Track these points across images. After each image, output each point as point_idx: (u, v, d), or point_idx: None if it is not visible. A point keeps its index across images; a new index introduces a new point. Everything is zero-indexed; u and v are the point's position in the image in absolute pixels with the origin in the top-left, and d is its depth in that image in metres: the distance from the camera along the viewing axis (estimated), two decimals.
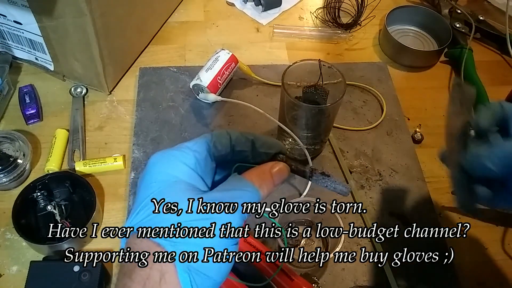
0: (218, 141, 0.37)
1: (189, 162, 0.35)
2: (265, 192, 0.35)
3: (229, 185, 0.35)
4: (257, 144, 0.37)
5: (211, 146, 0.36)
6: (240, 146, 0.37)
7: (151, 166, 0.35)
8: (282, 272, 0.54)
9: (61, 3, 0.61)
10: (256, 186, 0.35)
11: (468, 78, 0.80)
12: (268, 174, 0.36)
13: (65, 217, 0.60)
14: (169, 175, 0.34)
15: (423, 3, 0.94)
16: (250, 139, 0.37)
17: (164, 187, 0.33)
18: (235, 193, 0.34)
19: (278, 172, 0.37)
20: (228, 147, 0.37)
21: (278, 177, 0.37)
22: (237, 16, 0.90)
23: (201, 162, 0.35)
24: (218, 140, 0.37)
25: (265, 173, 0.36)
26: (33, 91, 0.73)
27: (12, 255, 0.58)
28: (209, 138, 0.37)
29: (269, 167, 0.37)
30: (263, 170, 0.37)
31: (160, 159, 0.35)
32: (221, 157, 0.37)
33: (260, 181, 0.35)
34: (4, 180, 0.61)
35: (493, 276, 0.61)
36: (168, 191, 0.33)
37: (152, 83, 0.76)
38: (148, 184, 0.34)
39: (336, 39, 0.86)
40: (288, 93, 0.59)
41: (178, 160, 0.34)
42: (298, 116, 0.62)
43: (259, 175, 0.36)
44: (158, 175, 0.34)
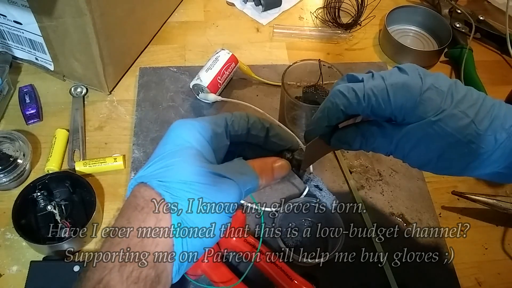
0: (237, 121, 0.40)
1: (205, 134, 0.37)
2: (263, 181, 0.38)
3: (234, 164, 0.38)
4: (270, 132, 0.41)
5: (229, 125, 0.39)
6: (255, 130, 0.40)
7: (171, 130, 0.38)
8: (282, 272, 0.54)
9: (61, 3, 0.61)
10: (256, 173, 0.38)
11: (468, 78, 0.80)
12: (269, 167, 0.39)
13: (65, 217, 0.60)
14: (184, 140, 0.37)
15: (423, 3, 0.94)
16: (266, 126, 0.40)
17: (177, 149, 0.36)
18: (236, 171, 0.36)
19: (279, 167, 0.40)
20: (244, 129, 0.40)
21: (278, 172, 0.40)
22: (237, 16, 0.90)
23: (217, 136, 0.38)
24: (237, 120, 0.40)
25: (267, 165, 0.39)
26: (33, 91, 0.73)
27: (12, 255, 0.58)
28: (229, 116, 0.40)
29: (272, 160, 0.40)
30: (266, 162, 0.40)
31: (180, 126, 0.38)
32: (236, 137, 0.40)
33: (261, 170, 0.38)
34: (4, 180, 0.61)
35: (493, 276, 0.61)
36: (179, 153, 0.36)
37: (152, 83, 0.76)
38: (164, 144, 0.37)
39: (336, 39, 0.86)
40: (288, 93, 0.59)
41: (196, 130, 0.37)
42: (298, 116, 0.62)
43: (261, 165, 0.39)
44: (175, 138, 0.37)
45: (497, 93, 0.79)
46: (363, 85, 0.38)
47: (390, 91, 0.37)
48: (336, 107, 0.39)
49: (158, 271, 0.33)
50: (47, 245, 0.56)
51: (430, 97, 0.37)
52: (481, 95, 0.38)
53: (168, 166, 0.35)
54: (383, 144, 0.40)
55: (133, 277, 0.32)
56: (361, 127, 0.41)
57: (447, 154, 0.38)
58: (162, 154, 0.36)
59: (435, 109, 0.37)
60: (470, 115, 0.37)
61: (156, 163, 0.36)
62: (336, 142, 0.42)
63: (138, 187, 0.36)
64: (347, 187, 0.66)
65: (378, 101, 0.37)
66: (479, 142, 0.37)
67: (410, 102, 0.37)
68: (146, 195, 0.34)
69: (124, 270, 0.32)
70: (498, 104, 0.38)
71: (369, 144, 0.41)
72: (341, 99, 0.38)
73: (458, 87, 0.38)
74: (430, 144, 0.38)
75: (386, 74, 0.39)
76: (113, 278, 0.31)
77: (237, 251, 0.57)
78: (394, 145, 0.40)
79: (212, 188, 0.35)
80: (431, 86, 0.37)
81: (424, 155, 0.39)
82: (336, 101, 0.39)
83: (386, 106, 0.37)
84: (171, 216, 0.34)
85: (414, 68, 0.39)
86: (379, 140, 0.40)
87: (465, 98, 0.37)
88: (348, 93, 0.38)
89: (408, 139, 0.39)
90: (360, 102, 0.38)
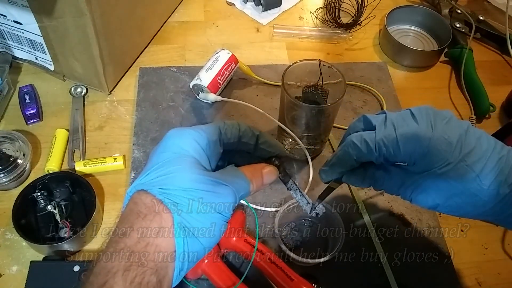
0: (229, 130, 0.41)
1: (201, 142, 0.39)
2: (254, 186, 0.40)
3: (228, 171, 0.40)
4: (260, 140, 0.42)
5: (223, 133, 0.41)
6: (246, 138, 0.42)
7: (167, 138, 0.39)
8: (282, 272, 0.54)
9: (61, 3, 0.61)
10: (247, 178, 0.40)
11: (468, 78, 0.80)
12: (259, 172, 0.41)
13: (65, 217, 0.60)
14: (181, 149, 0.38)
15: (423, 3, 0.94)
16: (256, 134, 0.42)
17: (175, 157, 0.37)
18: (230, 178, 0.38)
19: (267, 172, 0.42)
20: (236, 137, 0.42)
21: (267, 177, 0.42)
22: (237, 16, 0.90)
23: (211, 144, 0.40)
24: (229, 129, 0.41)
25: (257, 171, 0.41)
26: (33, 91, 0.73)
27: (12, 255, 0.58)
28: (221, 125, 0.41)
29: (261, 167, 0.42)
30: (256, 168, 0.42)
31: (176, 134, 0.39)
32: (228, 144, 0.42)
33: (252, 176, 0.40)
34: (4, 180, 0.61)
35: (493, 276, 0.61)
36: (177, 161, 0.37)
37: (152, 83, 0.76)
38: (161, 152, 0.38)
39: (336, 39, 0.86)
40: (288, 93, 0.59)
41: (192, 138, 0.38)
42: (298, 116, 0.62)
43: (252, 171, 0.41)
44: (172, 147, 0.38)
45: (497, 93, 0.79)
46: (374, 135, 0.40)
47: (400, 141, 0.39)
48: (349, 156, 0.42)
49: (160, 276, 0.34)
50: (47, 245, 0.56)
51: (438, 148, 0.38)
52: (490, 145, 0.39)
53: (167, 174, 0.36)
54: (390, 187, 0.43)
55: (135, 282, 0.32)
56: (369, 171, 0.43)
57: (451, 202, 0.40)
58: (161, 162, 0.37)
59: (442, 160, 0.39)
60: (475, 170, 0.38)
61: (155, 171, 0.36)
62: (346, 181, 0.45)
63: (138, 194, 0.36)
64: (347, 187, 0.66)
65: (389, 151, 0.39)
66: (482, 195, 0.39)
67: (419, 152, 0.39)
68: (147, 202, 0.35)
69: (127, 275, 0.32)
70: (506, 156, 0.39)
71: (377, 186, 0.43)
72: (354, 149, 0.41)
73: (469, 137, 0.39)
74: (435, 192, 0.40)
75: (398, 120, 0.40)
76: (117, 282, 0.32)
77: (237, 251, 0.57)
78: (402, 190, 0.42)
79: (211, 194, 0.36)
80: (440, 137, 0.38)
81: (429, 201, 0.41)
82: (350, 151, 0.41)
83: (397, 154, 0.39)
84: (172, 218, 0.34)
85: (426, 114, 0.40)
86: (386, 183, 0.43)
87: (473, 151, 0.38)
88: (361, 144, 0.40)
89: (415, 187, 0.41)
90: (372, 152, 0.40)
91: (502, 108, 0.79)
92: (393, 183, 0.42)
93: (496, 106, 0.78)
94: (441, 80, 0.83)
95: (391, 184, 0.43)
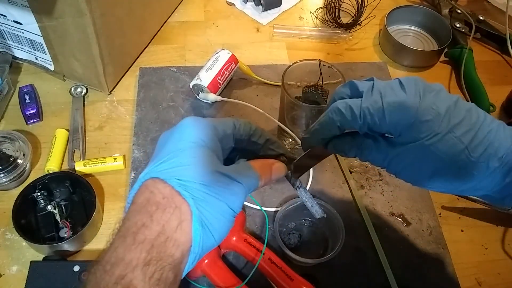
0: (242, 127, 0.42)
1: (218, 134, 0.39)
2: (262, 181, 0.40)
3: (240, 166, 0.40)
4: (269, 141, 0.43)
5: (236, 129, 0.41)
6: (255, 137, 0.43)
7: (184, 127, 0.38)
8: (282, 272, 0.54)
9: (61, 3, 0.61)
10: (258, 174, 0.40)
11: (468, 78, 0.80)
12: (269, 168, 0.42)
13: (65, 217, 0.60)
14: (199, 139, 0.37)
15: (423, 3, 0.94)
16: (266, 138, 0.43)
17: (192, 146, 0.37)
18: (244, 174, 0.38)
19: (277, 168, 0.42)
20: (247, 134, 0.42)
21: (276, 173, 0.42)
22: (237, 16, 0.90)
23: (226, 138, 0.40)
24: (242, 126, 0.42)
25: (267, 166, 0.42)
26: (33, 91, 0.73)
27: (12, 255, 0.58)
28: (236, 121, 0.42)
29: (271, 162, 0.42)
30: (265, 163, 0.42)
31: (193, 123, 0.39)
32: (239, 141, 0.42)
33: (261, 171, 0.40)
34: (4, 180, 0.61)
35: (493, 276, 0.61)
36: (195, 151, 0.36)
37: (152, 83, 0.76)
38: (178, 140, 0.37)
39: (336, 39, 0.86)
40: (288, 93, 0.59)
41: (210, 129, 0.39)
42: (298, 116, 0.62)
43: (262, 166, 0.41)
44: (189, 136, 0.37)
45: (497, 93, 0.79)
46: (360, 102, 0.38)
47: (386, 110, 0.37)
48: (332, 122, 0.39)
49: (176, 272, 0.33)
50: (47, 245, 0.56)
51: (426, 119, 0.36)
52: (480, 117, 0.37)
53: (185, 165, 0.35)
54: (377, 158, 0.41)
55: (154, 278, 0.32)
56: (357, 139, 0.41)
57: (438, 176, 0.38)
58: (177, 151, 0.36)
59: (430, 131, 0.37)
60: (464, 142, 0.36)
61: (171, 160, 0.36)
62: (332, 149, 0.43)
63: (153, 182, 0.35)
64: (347, 187, 0.66)
65: (373, 120, 0.37)
66: (470, 168, 0.37)
67: (405, 122, 0.37)
68: (166, 193, 0.34)
69: (147, 270, 0.32)
70: (496, 130, 0.37)
71: (364, 156, 0.41)
72: (338, 115, 0.39)
73: (458, 109, 0.37)
74: (422, 165, 0.38)
75: (386, 89, 0.38)
76: (136, 276, 0.31)
77: (237, 251, 0.57)
78: (387, 161, 0.40)
79: (227, 191, 0.36)
80: (428, 107, 0.37)
81: (416, 175, 0.39)
82: (333, 117, 0.39)
83: (382, 124, 0.37)
84: (191, 212, 0.34)
85: (415, 84, 0.38)
86: (373, 154, 0.41)
87: (462, 122, 0.37)
88: (345, 111, 0.38)
89: (401, 159, 0.39)
90: (356, 120, 0.38)
91: (502, 108, 0.79)
92: (380, 155, 0.40)
93: (496, 106, 0.78)
94: (441, 80, 0.83)
95: (378, 155, 0.40)
